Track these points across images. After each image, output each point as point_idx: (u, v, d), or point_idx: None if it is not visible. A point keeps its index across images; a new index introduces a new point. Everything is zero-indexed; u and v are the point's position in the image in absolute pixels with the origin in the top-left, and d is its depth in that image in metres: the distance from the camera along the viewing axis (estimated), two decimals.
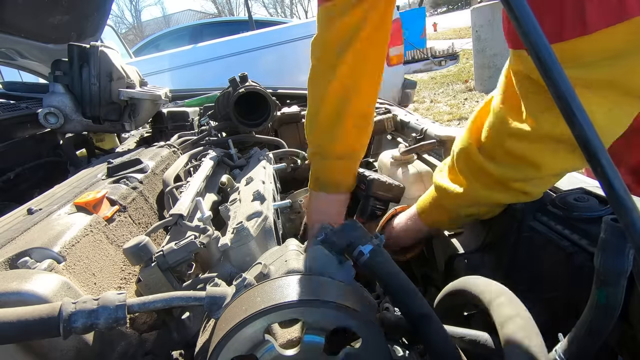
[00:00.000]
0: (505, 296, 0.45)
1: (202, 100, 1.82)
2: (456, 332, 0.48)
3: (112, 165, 0.87)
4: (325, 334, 0.37)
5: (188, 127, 1.47)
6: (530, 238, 0.58)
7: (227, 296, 0.42)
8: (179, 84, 3.48)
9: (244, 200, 0.75)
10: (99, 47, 1.15)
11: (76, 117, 1.17)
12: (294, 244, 0.51)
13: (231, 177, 0.97)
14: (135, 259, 0.56)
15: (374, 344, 0.38)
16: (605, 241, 0.31)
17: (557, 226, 0.54)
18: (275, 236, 0.66)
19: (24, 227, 0.59)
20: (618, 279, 0.31)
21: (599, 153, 0.27)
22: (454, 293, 0.55)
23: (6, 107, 1.28)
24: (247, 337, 0.36)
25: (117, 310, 0.39)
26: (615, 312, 0.33)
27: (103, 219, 0.65)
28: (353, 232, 0.47)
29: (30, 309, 0.37)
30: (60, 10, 1.36)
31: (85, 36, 1.56)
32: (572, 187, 0.61)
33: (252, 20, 4.45)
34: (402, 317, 0.50)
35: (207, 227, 0.63)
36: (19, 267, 0.48)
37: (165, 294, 0.42)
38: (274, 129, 1.53)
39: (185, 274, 0.65)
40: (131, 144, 1.41)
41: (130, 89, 1.23)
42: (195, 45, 3.95)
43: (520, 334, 0.39)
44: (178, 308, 0.57)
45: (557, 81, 0.27)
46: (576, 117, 0.27)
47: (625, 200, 0.26)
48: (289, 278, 0.39)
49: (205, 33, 4.85)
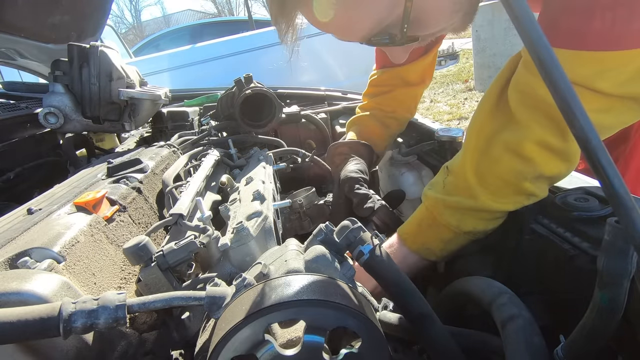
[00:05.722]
0: (506, 296, 0.45)
1: (202, 100, 1.82)
2: (456, 332, 0.48)
3: (112, 165, 0.87)
4: (325, 334, 0.37)
5: (188, 127, 1.47)
6: (532, 240, 0.58)
7: (227, 296, 0.42)
8: (179, 84, 3.48)
9: (244, 200, 0.75)
10: (99, 47, 1.15)
11: (76, 117, 1.17)
12: (294, 244, 0.51)
13: (231, 177, 0.97)
14: (135, 258, 0.56)
15: (374, 344, 0.38)
16: (609, 243, 0.31)
17: (559, 229, 0.54)
18: (275, 236, 0.66)
19: (23, 227, 0.59)
20: (621, 281, 0.31)
21: (599, 153, 0.27)
22: (454, 293, 0.55)
23: (6, 107, 1.28)
24: (247, 337, 0.36)
25: (117, 310, 0.39)
26: (618, 314, 0.33)
27: (103, 218, 0.65)
28: (353, 232, 0.47)
29: (30, 309, 0.37)
30: (60, 10, 1.36)
31: (85, 36, 1.56)
32: (572, 187, 0.61)
33: (252, 20, 4.45)
34: (402, 317, 0.50)
35: (207, 227, 0.63)
36: (19, 267, 0.48)
37: (165, 293, 0.42)
38: (274, 129, 1.53)
39: (185, 274, 0.65)
40: (131, 144, 1.41)
41: (130, 89, 1.23)
42: (195, 45, 3.95)
43: (521, 335, 0.39)
44: (178, 308, 0.57)
45: (557, 81, 0.27)
46: (576, 117, 0.27)
47: (625, 200, 0.26)
48: (289, 278, 0.39)
49: (205, 33, 4.86)
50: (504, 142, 0.58)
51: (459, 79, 6.42)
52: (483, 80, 5.36)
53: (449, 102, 5.26)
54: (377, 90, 1.11)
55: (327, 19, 0.55)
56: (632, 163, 0.95)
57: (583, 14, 0.50)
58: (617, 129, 0.56)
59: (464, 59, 7.30)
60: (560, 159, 0.56)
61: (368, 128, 1.09)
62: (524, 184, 0.58)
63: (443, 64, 5.48)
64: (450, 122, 4.41)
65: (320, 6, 0.53)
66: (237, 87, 1.31)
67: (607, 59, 0.50)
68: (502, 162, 0.58)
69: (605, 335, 0.34)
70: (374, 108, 1.10)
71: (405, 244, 0.69)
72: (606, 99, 0.52)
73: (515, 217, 0.62)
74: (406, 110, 1.11)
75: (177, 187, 0.84)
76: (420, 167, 1.10)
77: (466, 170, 0.62)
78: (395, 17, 0.54)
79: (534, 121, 0.55)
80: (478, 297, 0.48)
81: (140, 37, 14.78)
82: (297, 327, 0.41)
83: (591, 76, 0.51)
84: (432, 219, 0.66)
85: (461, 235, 0.64)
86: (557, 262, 0.52)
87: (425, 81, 1.09)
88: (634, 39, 0.48)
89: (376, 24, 0.56)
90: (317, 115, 1.57)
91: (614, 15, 0.47)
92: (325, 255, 0.45)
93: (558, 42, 0.51)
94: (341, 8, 0.53)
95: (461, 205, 0.62)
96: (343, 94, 1.76)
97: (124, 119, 1.25)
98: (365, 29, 0.57)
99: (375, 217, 0.83)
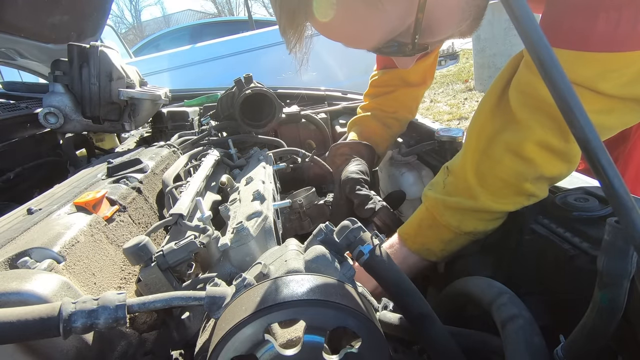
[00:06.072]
0: (506, 296, 0.45)
1: (202, 100, 1.82)
2: (456, 332, 0.48)
3: (112, 165, 0.87)
4: (325, 334, 0.37)
5: (188, 127, 1.47)
6: (532, 240, 0.58)
7: (227, 296, 0.42)
8: (179, 84, 3.48)
9: (243, 200, 0.75)
10: (98, 47, 1.15)
11: (76, 117, 1.17)
12: (294, 244, 0.51)
13: (231, 177, 0.97)
14: (135, 258, 0.56)
15: (374, 344, 0.38)
16: (609, 243, 0.31)
17: (559, 229, 0.54)
18: (275, 236, 0.66)
19: (23, 227, 0.59)
20: (621, 281, 0.31)
21: (599, 153, 0.27)
22: (454, 293, 0.55)
23: (6, 107, 1.28)
24: (247, 337, 0.36)
25: (117, 310, 0.39)
26: (618, 314, 0.33)
27: (103, 218, 0.65)
28: (353, 232, 0.47)
29: (30, 309, 0.37)
30: (60, 10, 1.36)
31: (85, 36, 1.56)
32: (572, 187, 0.61)
33: (252, 20, 4.46)
34: (402, 317, 0.50)
35: (207, 227, 0.63)
36: (19, 267, 0.48)
37: (165, 293, 0.42)
38: (274, 129, 1.53)
39: (185, 274, 0.65)
40: (131, 144, 1.41)
41: (130, 89, 1.22)
42: (195, 45, 3.95)
43: (521, 335, 0.39)
44: (178, 308, 0.57)
45: (557, 81, 0.27)
46: (576, 117, 0.27)
47: (625, 200, 0.26)
48: (288, 278, 0.39)
49: (205, 33, 4.86)
50: (504, 143, 0.58)
51: (459, 79, 6.42)
52: (483, 80, 5.36)
53: (449, 102, 5.26)
54: (379, 91, 1.11)
55: (338, 29, 0.55)
56: (632, 163, 0.95)
57: (587, 15, 0.50)
58: (618, 130, 0.56)
59: (464, 59, 7.30)
60: (561, 160, 0.56)
61: (369, 128, 1.09)
62: (524, 185, 0.58)
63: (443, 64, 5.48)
64: (450, 122, 4.41)
65: (330, 15, 0.52)
66: (237, 87, 1.31)
67: (610, 60, 0.50)
68: (502, 162, 0.58)
69: (605, 335, 0.34)
70: (375, 108, 1.10)
71: (405, 244, 0.69)
72: (608, 100, 0.52)
73: (515, 217, 0.62)
74: (407, 110, 1.11)
75: (177, 187, 0.84)
76: (420, 167, 1.10)
77: (466, 171, 0.62)
78: (406, 27, 0.54)
79: (535, 122, 0.55)
80: (478, 297, 0.48)
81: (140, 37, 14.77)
82: (297, 327, 0.41)
83: (593, 77, 0.51)
84: (433, 220, 0.66)
85: (461, 236, 0.64)
86: (557, 262, 0.52)
87: (426, 82, 1.09)
88: (637, 40, 0.48)
89: (387, 34, 0.56)
90: (317, 115, 1.57)
91: (619, 16, 0.47)
92: (325, 255, 0.45)
93: (561, 42, 0.51)
94: (353, 19, 0.53)
95: (461, 206, 0.62)
96: (343, 94, 1.76)
97: (124, 119, 1.25)
98: (375, 39, 0.57)
99: (376, 218, 0.84)
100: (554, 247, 0.53)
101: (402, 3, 0.51)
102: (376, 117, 1.09)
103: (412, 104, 1.12)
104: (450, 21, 0.57)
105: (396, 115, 1.10)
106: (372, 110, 1.11)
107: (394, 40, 0.57)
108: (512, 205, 0.60)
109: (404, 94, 1.08)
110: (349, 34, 0.58)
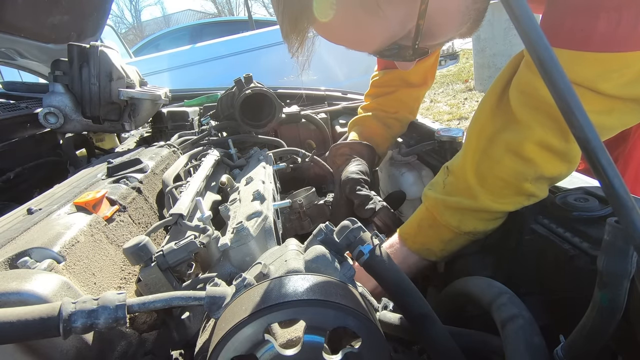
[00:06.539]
0: (506, 296, 0.45)
1: (202, 100, 1.82)
2: (456, 332, 0.48)
3: (112, 165, 0.87)
4: (325, 334, 0.37)
5: (188, 127, 1.47)
6: (532, 240, 0.58)
7: (227, 296, 0.42)
8: (179, 84, 3.48)
9: (243, 200, 0.75)
10: (98, 47, 1.15)
11: (76, 117, 1.17)
12: (294, 244, 0.51)
13: (231, 177, 0.97)
14: (135, 258, 0.56)
15: (374, 344, 0.38)
16: (609, 243, 0.31)
17: (559, 229, 0.54)
18: (275, 236, 0.66)
19: (23, 227, 0.59)
20: (621, 281, 0.31)
21: (599, 153, 0.27)
22: (454, 293, 0.55)
23: (6, 107, 1.28)
24: (247, 337, 0.36)
25: (117, 310, 0.39)
26: (618, 314, 0.33)
27: (103, 218, 0.65)
28: (353, 232, 0.47)
29: (30, 309, 0.37)
30: (60, 10, 1.36)
31: (85, 36, 1.56)
32: (572, 187, 0.61)
33: (252, 20, 4.46)
34: (402, 317, 0.50)
35: (207, 227, 0.63)
36: (19, 267, 0.48)
37: (165, 293, 0.42)
38: (274, 129, 1.53)
39: (185, 273, 0.65)
40: (131, 144, 1.41)
41: (130, 89, 1.23)
42: (195, 45, 3.95)
43: (521, 335, 0.39)
44: (178, 308, 0.57)
45: (557, 81, 0.27)
46: (576, 117, 0.27)
47: (625, 200, 0.26)
48: (288, 278, 0.39)
49: (205, 33, 4.86)
50: (504, 143, 0.58)
51: (459, 79, 6.42)
52: (483, 80, 5.36)
53: (449, 102, 5.26)
54: (380, 91, 1.11)
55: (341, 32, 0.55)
56: (632, 163, 0.95)
57: (588, 15, 0.50)
58: (618, 130, 0.56)
59: (464, 59, 7.30)
60: (561, 160, 0.56)
61: (370, 129, 1.09)
62: (524, 185, 0.58)
63: (443, 64, 5.48)
64: (450, 122, 4.41)
65: (331, 19, 0.52)
66: (237, 87, 1.31)
67: (611, 61, 0.50)
68: (502, 162, 0.58)
69: (605, 335, 0.34)
70: (376, 109, 1.10)
71: (405, 244, 0.69)
72: (608, 100, 0.52)
73: (515, 217, 0.62)
74: (408, 111, 1.11)
75: (177, 187, 0.84)
76: (420, 167, 1.10)
77: (466, 171, 0.62)
78: (407, 32, 0.55)
79: (535, 122, 0.55)
80: (478, 297, 0.48)
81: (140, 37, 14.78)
82: (297, 327, 0.41)
83: (594, 77, 0.51)
84: (432, 219, 0.66)
85: (461, 236, 0.64)
86: (557, 262, 0.52)
87: (427, 82, 1.09)
88: (638, 41, 0.48)
89: (388, 39, 0.56)
90: (317, 115, 1.57)
91: (620, 16, 0.47)
92: (325, 255, 0.45)
93: (561, 42, 0.51)
94: (354, 24, 0.53)
95: (461, 206, 0.62)
96: (343, 94, 1.76)
97: (124, 119, 1.25)
98: (376, 44, 0.58)
99: (376, 218, 0.84)
100: (554, 247, 0.53)
101: (403, 9, 0.51)
102: (377, 118, 1.09)
103: (413, 105, 1.12)
104: (450, 25, 0.57)
105: (397, 116, 1.10)
106: (373, 110, 1.11)
107: (395, 43, 0.57)
108: (512, 205, 0.60)
109: (405, 94, 1.08)
110: (350, 39, 0.58)
